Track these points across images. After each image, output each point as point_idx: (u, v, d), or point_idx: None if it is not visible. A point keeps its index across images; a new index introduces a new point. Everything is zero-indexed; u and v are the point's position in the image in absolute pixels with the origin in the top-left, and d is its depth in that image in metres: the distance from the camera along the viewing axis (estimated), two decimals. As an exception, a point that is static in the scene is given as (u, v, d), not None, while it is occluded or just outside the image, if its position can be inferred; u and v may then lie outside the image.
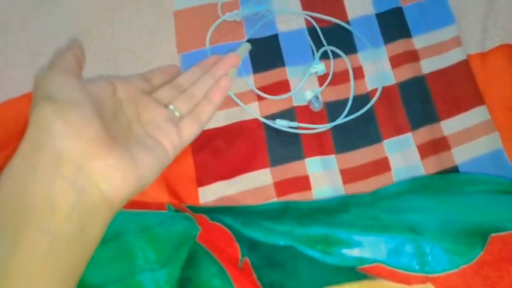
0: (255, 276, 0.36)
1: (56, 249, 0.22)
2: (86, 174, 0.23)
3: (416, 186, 0.45)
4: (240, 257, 0.38)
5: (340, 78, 0.51)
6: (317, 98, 0.49)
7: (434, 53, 0.51)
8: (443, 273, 0.35)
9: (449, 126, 0.49)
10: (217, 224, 0.40)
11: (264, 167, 0.47)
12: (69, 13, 0.52)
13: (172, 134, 0.31)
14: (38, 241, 0.21)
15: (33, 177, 0.22)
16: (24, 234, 0.21)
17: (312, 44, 0.52)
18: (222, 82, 0.34)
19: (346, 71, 0.51)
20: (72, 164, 0.23)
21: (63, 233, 0.22)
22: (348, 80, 0.51)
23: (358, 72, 0.51)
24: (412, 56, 0.51)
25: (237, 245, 0.38)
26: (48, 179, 0.22)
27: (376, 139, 0.49)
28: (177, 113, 0.32)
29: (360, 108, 0.49)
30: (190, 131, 0.32)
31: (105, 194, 0.24)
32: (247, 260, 0.37)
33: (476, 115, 0.49)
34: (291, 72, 0.50)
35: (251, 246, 0.39)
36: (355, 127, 0.49)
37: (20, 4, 0.52)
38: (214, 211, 0.43)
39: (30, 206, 0.22)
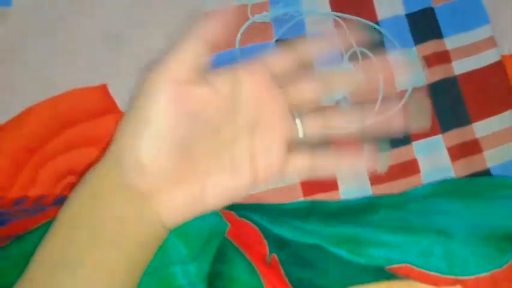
0: (282, 272, 0.37)
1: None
2: (150, 206, 0.23)
3: (445, 189, 0.44)
4: (268, 253, 0.38)
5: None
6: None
7: (467, 54, 0.50)
8: (474, 276, 0.35)
9: (481, 128, 0.48)
10: (245, 221, 0.40)
11: (292, 166, 0.47)
12: (104, 14, 0.54)
13: (275, 162, 0.23)
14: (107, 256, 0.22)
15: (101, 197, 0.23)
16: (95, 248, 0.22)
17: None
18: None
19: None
20: (137, 196, 0.23)
21: (128, 250, 0.23)
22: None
23: (388, 73, 0.51)
24: (444, 57, 0.51)
25: (265, 241, 0.39)
26: (118, 205, 0.23)
27: (405, 141, 0.48)
28: (300, 134, 0.24)
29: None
30: (301, 166, 0.24)
31: (165, 223, 0.24)
32: (275, 256, 0.38)
33: (509, 117, 0.48)
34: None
35: (279, 243, 0.39)
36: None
37: (59, 7, 0.54)
38: (242, 208, 0.43)
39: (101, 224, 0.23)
